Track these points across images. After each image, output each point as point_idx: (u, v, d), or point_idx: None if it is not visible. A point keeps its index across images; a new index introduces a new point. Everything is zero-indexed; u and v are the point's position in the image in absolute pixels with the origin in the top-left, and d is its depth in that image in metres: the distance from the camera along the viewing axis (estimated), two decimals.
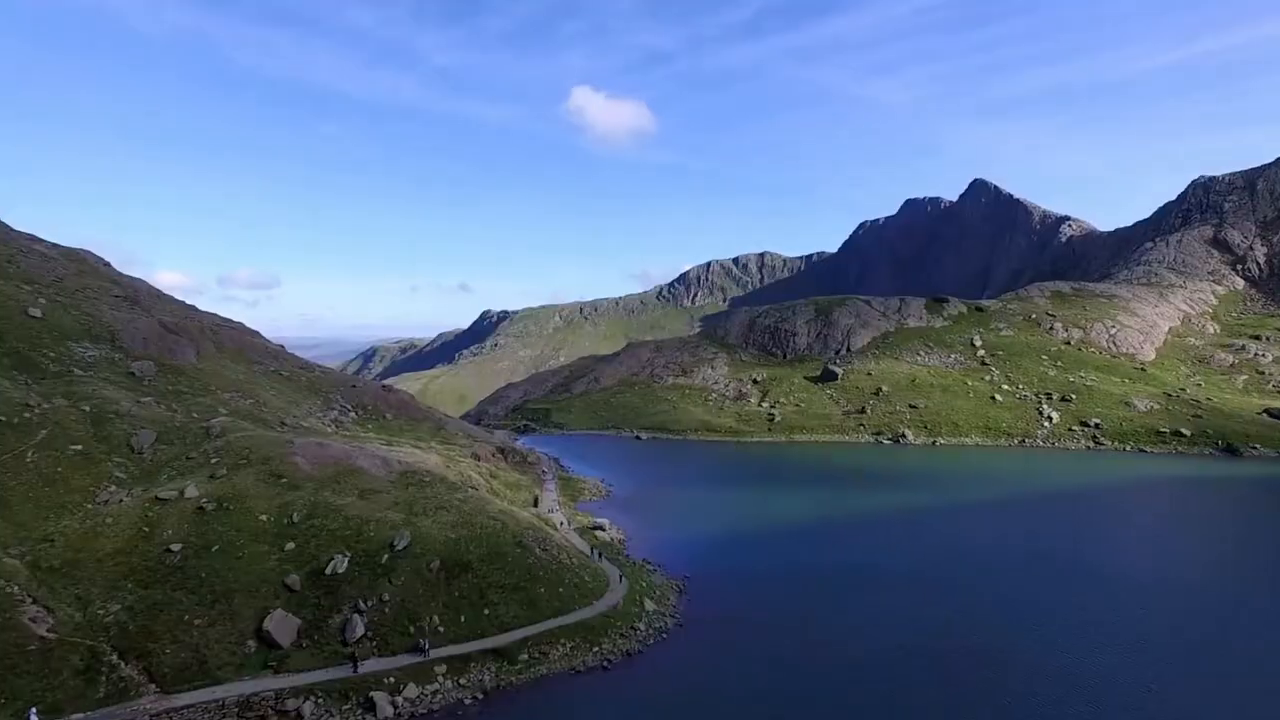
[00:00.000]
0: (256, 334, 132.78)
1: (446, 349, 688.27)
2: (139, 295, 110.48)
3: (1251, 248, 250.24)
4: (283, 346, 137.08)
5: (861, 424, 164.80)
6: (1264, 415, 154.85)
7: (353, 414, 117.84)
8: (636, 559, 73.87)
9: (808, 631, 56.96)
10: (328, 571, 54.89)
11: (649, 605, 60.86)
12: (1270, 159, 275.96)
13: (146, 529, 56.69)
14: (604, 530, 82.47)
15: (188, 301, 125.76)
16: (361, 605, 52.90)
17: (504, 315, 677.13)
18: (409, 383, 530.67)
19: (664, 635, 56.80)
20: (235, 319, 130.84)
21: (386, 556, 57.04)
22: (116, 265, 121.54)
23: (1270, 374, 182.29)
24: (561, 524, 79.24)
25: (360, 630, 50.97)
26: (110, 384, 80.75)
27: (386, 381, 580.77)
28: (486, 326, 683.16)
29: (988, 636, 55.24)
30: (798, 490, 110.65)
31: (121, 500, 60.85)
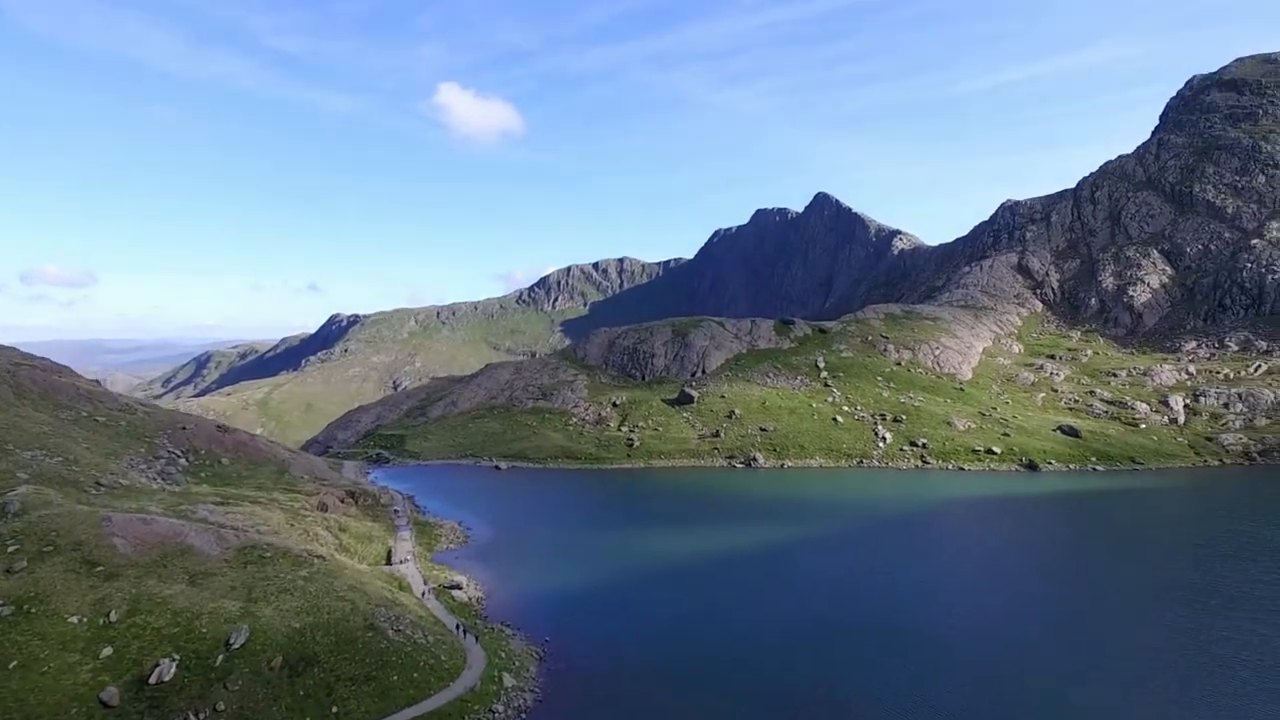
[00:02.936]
0: (66, 369, 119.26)
1: (292, 354, 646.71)
2: None
3: (1048, 274, 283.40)
4: (98, 382, 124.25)
5: (716, 447, 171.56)
6: (1057, 431, 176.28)
7: (183, 460, 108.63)
8: (495, 622, 73.25)
9: (666, 700, 58.69)
10: (152, 680, 50.43)
11: (508, 681, 60.54)
12: (1065, 184, 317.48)
13: None
14: (461, 589, 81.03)
15: None
16: (192, 719, 49.20)
17: (355, 319, 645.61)
18: (250, 391, 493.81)
19: (524, 715, 56.79)
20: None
21: (221, 657, 53.30)
22: None
23: (1062, 392, 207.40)
24: (422, 593, 76.96)
25: None
26: None
27: (225, 389, 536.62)
28: (336, 331, 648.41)
29: (831, 693, 59.36)
30: (657, 526, 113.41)
31: None
